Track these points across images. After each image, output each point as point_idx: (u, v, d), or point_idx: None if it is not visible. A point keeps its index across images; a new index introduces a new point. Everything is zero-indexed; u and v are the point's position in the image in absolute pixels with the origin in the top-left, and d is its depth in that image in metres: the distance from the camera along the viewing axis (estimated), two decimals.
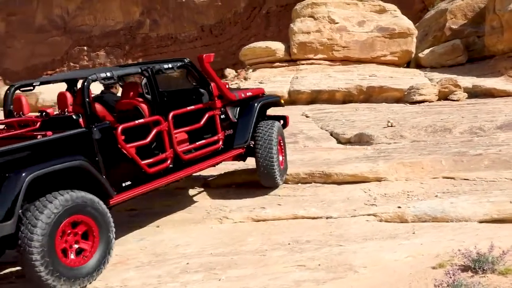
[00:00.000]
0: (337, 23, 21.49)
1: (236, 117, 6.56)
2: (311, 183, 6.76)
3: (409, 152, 9.79)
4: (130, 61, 39.45)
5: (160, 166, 5.44)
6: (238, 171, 7.06)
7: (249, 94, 6.84)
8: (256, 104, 6.63)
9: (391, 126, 12.69)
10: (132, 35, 44.30)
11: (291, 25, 21.93)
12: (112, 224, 4.73)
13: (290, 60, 22.04)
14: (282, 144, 6.96)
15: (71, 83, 6.00)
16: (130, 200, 5.69)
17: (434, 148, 9.94)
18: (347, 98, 20.18)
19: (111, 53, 44.57)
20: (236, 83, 22.26)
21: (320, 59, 21.60)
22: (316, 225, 5.61)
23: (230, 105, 6.51)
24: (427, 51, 21.58)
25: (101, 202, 4.67)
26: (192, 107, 5.98)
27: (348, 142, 13.24)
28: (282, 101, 7.73)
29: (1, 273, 5.15)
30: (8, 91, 5.56)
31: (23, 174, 4.15)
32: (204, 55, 6.27)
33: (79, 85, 5.94)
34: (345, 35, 21.45)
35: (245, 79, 21.74)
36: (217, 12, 40.75)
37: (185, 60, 6.13)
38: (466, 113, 13.65)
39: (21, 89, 5.66)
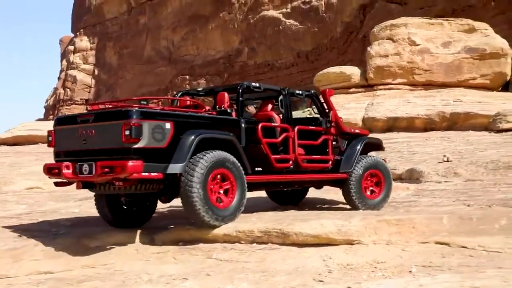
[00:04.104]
0: (418, 44, 19.66)
1: (345, 147, 7.52)
2: (267, 243, 5.53)
3: (445, 196, 8.19)
4: None
5: (283, 164, 6.61)
6: (188, 225, 5.99)
7: (357, 131, 7.94)
8: (362, 141, 7.60)
9: (447, 161, 10.92)
10: (231, 63, 44.89)
11: (368, 48, 20.50)
12: (245, 178, 5.95)
13: (367, 85, 20.54)
14: (381, 176, 7.66)
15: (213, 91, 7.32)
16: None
17: (478, 192, 8.23)
18: (428, 125, 18.24)
19: (210, 81, 45.49)
20: (308, 110, 21.15)
21: (399, 83, 19.86)
22: None
23: (341, 136, 7.52)
24: None
25: (236, 160, 5.88)
26: (313, 127, 7.20)
27: (399, 178, 11.62)
28: (383, 146, 8.47)
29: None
30: (176, 95, 7.31)
31: (195, 134, 5.62)
32: (327, 90, 7.53)
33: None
34: (427, 58, 19.53)
35: None
36: (313, 38, 39.82)
37: (312, 91, 7.51)
38: None
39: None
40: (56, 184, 6.13)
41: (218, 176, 5.75)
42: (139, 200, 6.50)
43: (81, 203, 9.89)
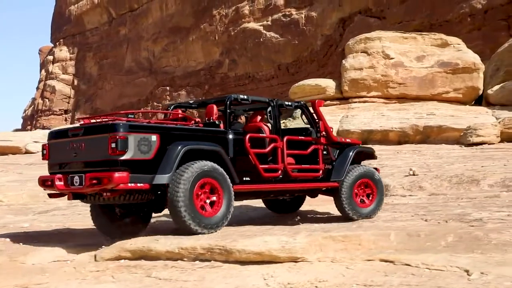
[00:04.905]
0: (392, 58, 19.71)
1: (336, 156, 7.60)
2: (210, 261, 5.33)
3: (406, 211, 8.09)
4: None
5: (272, 174, 6.74)
6: (132, 240, 5.77)
7: (348, 140, 8.03)
8: (353, 150, 7.68)
9: (413, 174, 10.85)
10: (212, 74, 44.80)
11: (343, 61, 20.51)
12: (231, 187, 6.11)
13: (342, 98, 20.50)
14: (373, 185, 7.71)
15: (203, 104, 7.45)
16: None
17: (438, 207, 8.14)
18: (402, 138, 18.22)
19: (191, 92, 45.29)
20: (283, 122, 21.05)
21: (373, 96, 19.86)
22: None
23: (332, 145, 7.61)
24: (497, 87, 19.00)
25: (222, 170, 6.05)
26: (302, 137, 7.34)
27: None
28: (376, 155, 8.55)
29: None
30: (168, 108, 7.47)
31: (181, 146, 5.83)
32: (317, 100, 7.64)
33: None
34: (401, 71, 19.57)
35: (293, 118, 20.40)
36: (294, 50, 39.90)
37: (301, 102, 7.69)
38: None
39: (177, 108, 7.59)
40: (50, 195, 6.46)
41: (205, 186, 5.95)
42: (133, 210, 6.66)
43: (37, 217, 9.61)
